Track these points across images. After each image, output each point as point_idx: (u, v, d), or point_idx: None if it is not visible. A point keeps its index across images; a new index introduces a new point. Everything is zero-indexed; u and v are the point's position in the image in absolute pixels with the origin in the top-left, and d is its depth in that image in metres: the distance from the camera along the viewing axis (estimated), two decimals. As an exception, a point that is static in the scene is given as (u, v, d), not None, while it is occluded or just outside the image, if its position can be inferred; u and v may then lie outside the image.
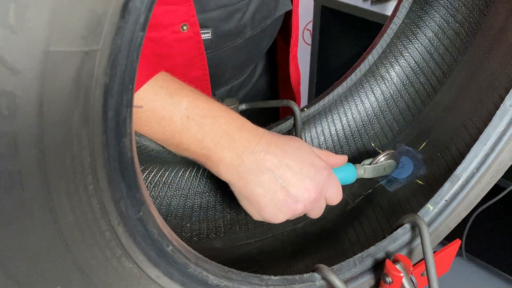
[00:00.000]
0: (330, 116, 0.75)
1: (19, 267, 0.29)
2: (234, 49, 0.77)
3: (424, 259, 0.48)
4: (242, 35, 0.77)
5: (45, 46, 0.22)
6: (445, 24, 0.71)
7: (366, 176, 0.64)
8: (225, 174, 0.50)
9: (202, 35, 0.70)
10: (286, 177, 0.50)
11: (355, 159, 0.64)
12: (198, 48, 0.71)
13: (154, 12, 0.65)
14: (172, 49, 0.69)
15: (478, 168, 0.54)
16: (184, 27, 0.67)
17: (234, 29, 0.74)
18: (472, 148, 0.53)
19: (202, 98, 0.49)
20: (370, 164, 0.64)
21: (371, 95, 0.75)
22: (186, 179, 0.65)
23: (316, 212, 0.56)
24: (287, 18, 0.88)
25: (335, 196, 0.56)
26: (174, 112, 0.47)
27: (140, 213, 0.33)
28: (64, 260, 0.31)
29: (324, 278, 0.47)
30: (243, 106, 0.74)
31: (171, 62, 0.70)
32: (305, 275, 0.48)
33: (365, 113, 0.75)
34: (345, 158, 0.61)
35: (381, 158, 0.65)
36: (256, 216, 0.53)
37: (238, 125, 0.50)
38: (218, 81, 0.81)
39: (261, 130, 0.51)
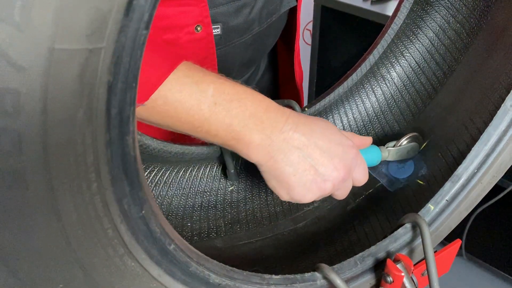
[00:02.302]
0: (331, 116, 0.75)
1: (22, 264, 0.29)
2: (242, 45, 0.78)
3: (425, 258, 0.48)
4: (250, 31, 0.77)
5: (50, 43, 0.22)
6: (446, 24, 0.71)
7: (390, 158, 0.64)
8: (255, 155, 0.49)
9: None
10: (315, 156, 0.50)
11: (375, 142, 0.64)
12: (209, 48, 0.71)
13: (169, 13, 0.65)
14: (185, 50, 0.69)
15: (479, 168, 0.54)
16: (198, 28, 0.68)
17: (243, 24, 0.75)
18: (473, 148, 0.53)
19: (227, 83, 0.49)
20: (394, 146, 0.64)
21: (372, 95, 0.75)
22: (187, 179, 0.65)
23: (342, 192, 0.56)
24: (290, 18, 0.89)
25: (362, 176, 0.56)
26: (202, 100, 0.47)
27: (143, 212, 0.33)
28: (67, 258, 0.31)
29: (325, 277, 0.47)
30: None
31: None
32: (306, 275, 0.48)
33: (365, 113, 0.75)
34: (370, 139, 0.61)
35: (404, 141, 0.65)
36: (285, 196, 0.52)
37: (264, 106, 0.50)
38: None
39: (287, 110, 0.51)
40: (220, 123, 0.48)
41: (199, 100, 0.47)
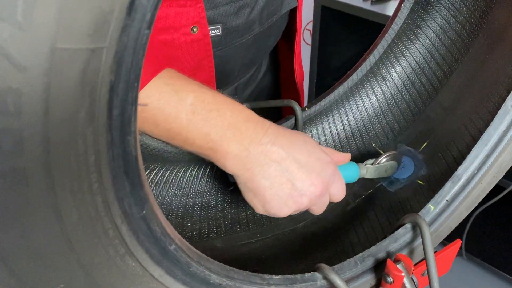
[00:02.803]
0: (331, 116, 0.75)
1: (23, 265, 0.29)
2: (242, 46, 0.78)
3: (425, 259, 0.48)
4: (250, 31, 0.77)
5: (52, 43, 0.22)
6: (446, 25, 0.71)
7: (368, 176, 0.64)
8: (231, 166, 0.49)
9: (212, 31, 0.70)
10: (292, 170, 0.50)
11: (356, 159, 0.64)
12: (206, 50, 0.71)
13: (165, 14, 0.65)
14: (181, 52, 0.69)
15: (479, 168, 0.54)
16: (194, 29, 0.67)
17: (243, 25, 0.75)
18: (473, 149, 0.53)
19: (208, 92, 0.49)
20: (372, 164, 0.64)
21: (372, 95, 0.75)
22: (187, 179, 0.65)
23: (319, 208, 0.55)
24: (291, 18, 0.89)
25: (339, 193, 0.56)
26: (180, 109, 0.47)
27: (144, 212, 0.33)
28: (68, 258, 0.31)
29: (325, 277, 0.47)
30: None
31: (179, 64, 0.70)
32: (306, 275, 0.48)
33: (366, 113, 0.75)
34: (348, 156, 0.61)
35: (383, 159, 0.65)
36: (260, 209, 0.52)
37: (244, 117, 0.49)
38: (226, 79, 0.81)
39: (267, 122, 0.51)
40: (198, 132, 0.47)
41: (177, 108, 0.47)
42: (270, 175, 0.49)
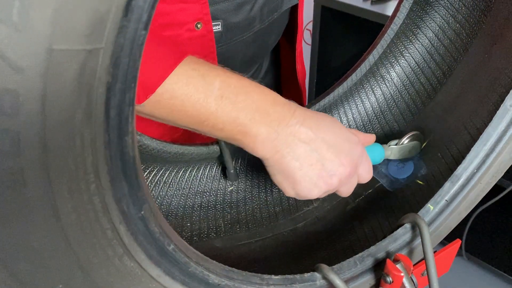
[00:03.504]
0: (326, 114, 0.75)
1: (21, 265, 0.29)
2: (243, 43, 0.78)
3: (424, 259, 0.48)
4: (251, 28, 0.77)
5: (49, 44, 0.22)
6: (445, 25, 0.71)
7: (392, 157, 0.64)
8: (261, 149, 0.49)
9: (212, 28, 0.70)
10: (322, 151, 0.50)
11: (377, 141, 0.64)
12: (210, 46, 0.71)
13: (169, 10, 0.65)
14: (185, 48, 0.69)
15: (478, 168, 0.54)
16: (198, 25, 0.68)
17: (244, 22, 0.75)
18: (472, 148, 0.53)
19: (233, 76, 0.49)
20: (396, 145, 0.64)
21: (372, 95, 0.75)
22: (186, 179, 0.65)
23: (348, 189, 0.55)
24: (292, 16, 0.89)
25: (367, 173, 0.55)
26: (208, 93, 0.46)
27: (142, 212, 0.33)
28: (66, 258, 0.31)
29: (324, 277, 0.47)
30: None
31: None
32: (306, 275, 0.48)
33: (365, 113, 0.75)
34: (373, 136, 0.61)
35: (406, 139, 0.65)
36: (290, 191, 0.52)
37: (271, 99, 0.49)
38: None
39: (294, 104, 0.51)
40: (227, 116, 0.47)
41: (205, 93, 0.46)
42: (300, 156, 0.49)
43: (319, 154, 0.50)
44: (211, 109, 0.46)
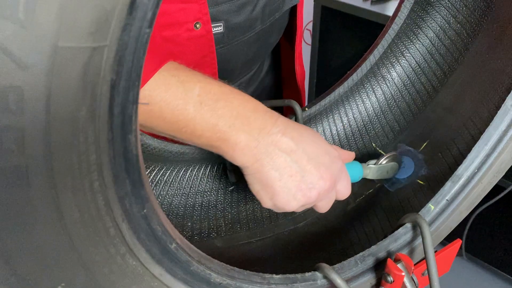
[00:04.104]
0: (331, 116, 0.75)
1: (24, 263, 0.29)
2: (245, 43, 0.78)
3: (425, 258, 0.48)
4: (252, 29, 0.77)
5: (54, 41, 0.22)
6: (446, 25, 0.71)
7: (370, 176, 0.64)
8: (240, 157, 0.48)
9: (214, 29, 0.70)
10: (302, 162, 0.49)
11: (356, 159, 0.64)
12: (209, 46, 0.71)
13: (168, 10, 0.65)
14: (184, 48, 0.69)
15: (479, 168, 0.54)
16: (197, 25, 0.67)
17: (245, 22, 0.75)
18: (473, 148, 0.53)
19: (214, 83, 0.48)
20: (374, 164, 0.64)
21: (372, 95, 0.75)
22: (187, 178, 0.65)
23: (325, 204, 0.54)
24: (291, 17, 0.89)
25: (345, 189, 0.55)
26: (187, 100, 0.46)
27: (145, 210, 0.33)
28: (69, 256, 0.31)
29: (325, 277, 0.47)
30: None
31: (181, 61, 0.71)
32: (307, 274, 0.48)
33: (366, 113, 0.76)
34: (353, 154, 0.60)
35: (384, 160, 0.65)
36: (267, 202, 0.51)
37: (252, 107, 0.49)
38: (228, 77, 0.81)
39: (275, 113, 0.50)
40: (206, 123, 0.46)
41: (184, 99, 0.46)
42: (280, 166, 0.48)
43: (299, 166, 0.49)
44: (190, 115, 0.46)
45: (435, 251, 0.52)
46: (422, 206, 0.54)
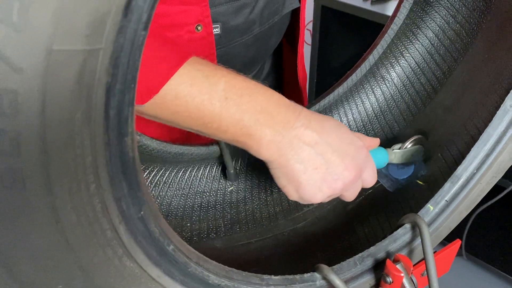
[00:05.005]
0: (331, 116, 0.75)
1: (21, 266, 0.29)
2: (242, 45, 0.78)
3: (424, 259, 0.48)
4: (250, 31, 0.77)
5: (48, 44, 0.22)
6: (445, 25, 0.71)
7: (396, 161, 0.64)
8: (265, 152, 0.48)
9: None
10: (326, 154, 0.49)
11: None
12: (210, 48, 0.71)
13: (170, 11, 0.65)
14: (186, 49, 0.69)
15: (478, 168, 0.54)
16: (199, 27, 0.67)
17: (242, 25, 0.75)
18: (472, 149, 0.53)
19: (238, 77, 0.48)
20: (399, 149, 0.64)
21: (372, 95, 0.75)
22: (186, 179, 0.65)
23: (351, 194, 0.54)
24: (293, 19, 0.88)
25: (371, 178, 0.55)
26: (213, 94, 0.46)
27: (142, 212, 0.33)
28: (66, 259, 0.31)
29: (324, 278, 0.47)
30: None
31: None
32: (306, 275, 0.48)
33: (365, 113, 0.75)
34: (377, 140, 0.60)
35: (409, 143, 0.65)
36: (294, 195, 0.51)
37: (275, 101, 0.49)
38: None
39: (299, 107, 0.51)
40: (231, 118, 0.46)
41: (210, 94, 0.46)
42: (304, 159, 0.49)
43: (323, 158, 0.49)
44: (215, 110, 0.46)
45: (435, 252, 0.52)
46: (421, 206, 0.54)
